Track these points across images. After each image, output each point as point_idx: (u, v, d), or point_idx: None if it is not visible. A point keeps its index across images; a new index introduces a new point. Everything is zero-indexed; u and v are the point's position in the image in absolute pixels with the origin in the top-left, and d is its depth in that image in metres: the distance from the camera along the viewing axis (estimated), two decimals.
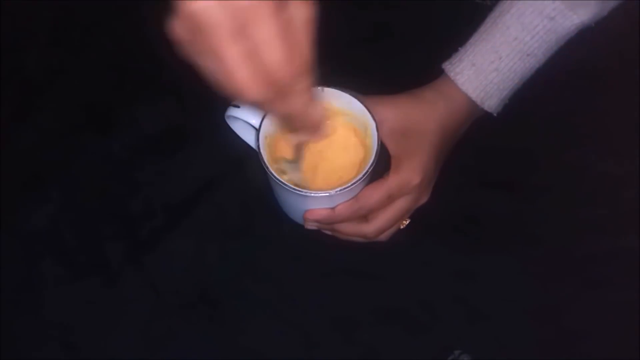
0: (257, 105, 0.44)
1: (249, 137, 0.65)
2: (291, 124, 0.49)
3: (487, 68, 0.63)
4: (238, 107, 0.61)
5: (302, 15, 0.42)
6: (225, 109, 0.62)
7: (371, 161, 0.59)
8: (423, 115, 0.63)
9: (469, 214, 0.69)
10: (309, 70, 0.44)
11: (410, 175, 0.61)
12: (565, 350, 0.63)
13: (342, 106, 0.62)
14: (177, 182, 0.71)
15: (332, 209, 0.61)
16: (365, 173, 0.58)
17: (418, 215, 0.66)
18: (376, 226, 0.63)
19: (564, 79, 0.71)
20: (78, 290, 0.66)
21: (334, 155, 0.63)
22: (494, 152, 0.71)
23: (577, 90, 0.72)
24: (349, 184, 0.58)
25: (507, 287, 0.65)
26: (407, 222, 0.66)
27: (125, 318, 0.65)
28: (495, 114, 0.66)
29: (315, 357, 0.64)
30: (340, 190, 0.58)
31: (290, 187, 0.58)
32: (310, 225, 0.64)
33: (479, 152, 0.70)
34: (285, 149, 0.62)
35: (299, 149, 0.60)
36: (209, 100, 0.68)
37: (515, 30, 0.62)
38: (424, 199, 0.65)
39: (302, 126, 0.49)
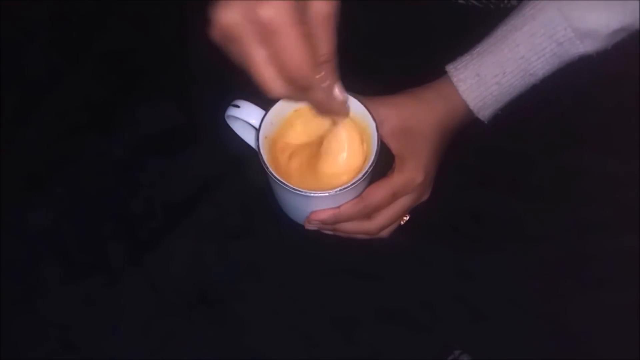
0: (284, 98, 0.49)
1: (249, 137, 0.65)
2: (317, 110, 0.54)
3: (490, 81, 0.64)
4: (238, 107, 0.61)
5: (324, 10, 0.47)
6: (225, 109, 0.62)
7: (371, 161, 0.59)
8: (424, 115, 0.64)
9: (469, 214, 0.69)
10: (331, 64, 0.49)
11: (414, 174, 0.62)
12: (565, 350, 0.63)
13: None
14: (178, 182, 0.71)
15: (337, 208, 0.61)
16: (366, 173, 0.58)
17: (418, 215, 0.67)
18: (379, 223, 0.63)
19: (563, 79, 0.71)
20: (78, 290, 0.66)
21: (334, 155, 0.63)
22: (494, 152, 0.71)
23: (577, 90, 0.72)
24: (350, 184, 0.58)
25: (507, 287, 0.65)
26: (407, 217, 0.66)
27: (125, 318, 0.65)
28: (486, 122, 0.66)
29: (315, 357, 0.64)
30: (341, 190, 0.58)
31: (291, 187, 0.58)
32: (312, 226, 0.64)
33: (479, 152, 0.70)
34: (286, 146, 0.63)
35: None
36: (209, 100, 0.69)
37: (524, 49, 0.63)
38: (425, 197, 0.65)
39: (324, 111, 0.54)
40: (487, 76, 0.64)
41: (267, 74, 0.47)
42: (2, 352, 0.63)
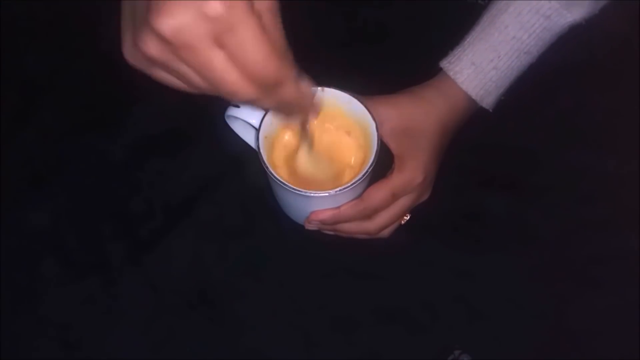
0: (251, 103, 0.45)
1: (248, 137, 0.65)
2: (287, 111, 0.49)
3: (487, 67, 0.64)
4: (238, 106, 0.61)
5: (266, 5, 0.41)
6: (225, 109, 0.62)
7: (371, 161, 0.59)
8: (423, 114, 0.63)
9: (468, 214, 0.69)
10: (289, 58, 0.43)
11: (414, 174, 0.62)
12: (565, 350, 0.63)
13: (341, 106, 0.62)
14: (177, 182, 0.71)
15: (337, 209, 0.61)
16: (366, 173, 0.58)
17: (418, 215, 0.66)
18: (379, 223, 0.63)
19: (564, 78, 0.72)
20: (78, 290, 0.66)
21: (334, 155, 0.63)
22: (494, 152, 0.71)
23: (578, 90, 0.72)
24: (350, 184, 0.58)
25: (507, 287, 0.65)
26: (408, 217, 0.66)
27: (125, 318, 0.65)
28: (491, 110, 0.66)
29: (315, 357, 0.64)
30: (341, 190, 0.58)
31: (290, 187, 0.58)
32: (312, 226, 0.64)
33: (479, 151, 0.70)
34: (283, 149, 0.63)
35: (304, 131, 0.59)
36: (208, 101, 0.69)
37: (513, 29, 0.63)
38: (425, 196, 0.65)
39: (297, 110, 0.49)
40: (483, 63, 0.64)
41: (230, 77, 0.41)
42: (2, 352, 0.63)
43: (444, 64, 0.65)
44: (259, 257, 0.68)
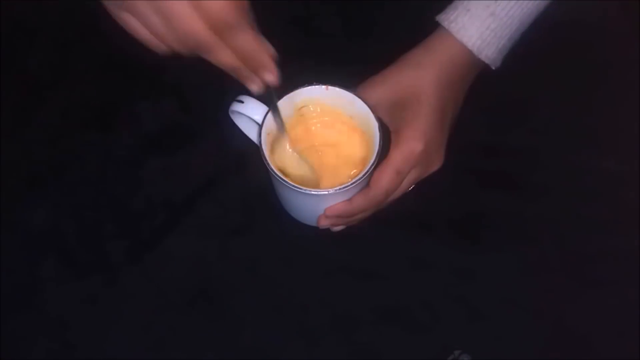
0: (209, 52, 0.46)
1: (252, 133, 0.65)
2: (243, 70, 0.49)
3: (483, 13, 0.60)
4: (242, 102, 0.61)
5: None
6: (226, 106, 0.62)
7: (373, 160, 0.59)
8: (413, 80, 0.61)
9: (468, 214, 0.69)
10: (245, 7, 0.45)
11: (412, 144, 0.59)
12: (565, 350, 0.63)
13: (345, 105, 0.62)
14: (179, 180, 0.71)
15: (349, 201, 0.60)
16: (367, 172, 0.58)
17: (419, 215, 0.67)
18: (389, 202, 0.61)
19: (564, 78, 0.72)
20: (79, 289, 0.66)
21: (337, 154, 0.63)
22: (494, 152, 0.71)
23: (578, 90, 0.73)
24: (349, 183, 0.58)
25: (507, 287, 0.65)
26: (412, 186, 0.63)
27: (126, 316, 0.65)
28: (493, 68, 0.63)
29: (315, 357, 0.64)
30: (341, 189, 0.58)
31: (292, 185, 0.58)
32: (326, 223, 0.62)
33: (479, 151, 0.70)
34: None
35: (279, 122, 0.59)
36: (210, 98, 0.69)
37: None
38: (435, 166, 0.62)
39: (253, 66, 0.49)
40: (478, 9, 0.60)
41: (190, 21, 0.44)
42: (2, 352, 0.63)
43: (440, 17, 0.62)
44: (260, 255, 0.67)
